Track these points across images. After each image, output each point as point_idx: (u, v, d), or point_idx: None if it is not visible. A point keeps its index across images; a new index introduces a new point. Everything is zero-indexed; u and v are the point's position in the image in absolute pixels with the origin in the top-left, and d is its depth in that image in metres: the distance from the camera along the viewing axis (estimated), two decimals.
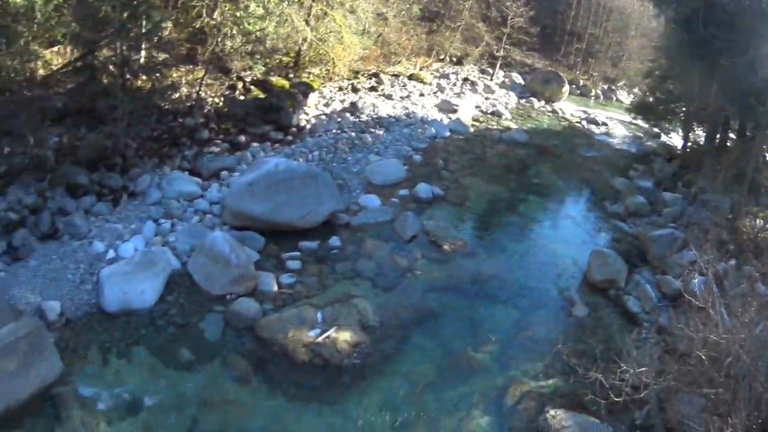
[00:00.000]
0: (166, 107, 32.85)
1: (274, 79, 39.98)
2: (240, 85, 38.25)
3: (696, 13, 41.26)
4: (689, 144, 47.30)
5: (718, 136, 45.53)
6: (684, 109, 48.42)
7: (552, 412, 20.48)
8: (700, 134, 49.03)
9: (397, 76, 52.82)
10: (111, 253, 24.22)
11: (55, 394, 18.38)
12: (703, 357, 19.12)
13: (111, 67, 29.18)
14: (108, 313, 21.62)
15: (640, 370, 19.14)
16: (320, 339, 21.64)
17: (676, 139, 52.68)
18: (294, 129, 38.30)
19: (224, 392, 19.62)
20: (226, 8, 35.50)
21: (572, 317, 26.54)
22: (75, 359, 19.67)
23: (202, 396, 19.26)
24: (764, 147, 37.18)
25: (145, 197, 28.17)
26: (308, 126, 39.39)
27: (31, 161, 26.17)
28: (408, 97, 49.22)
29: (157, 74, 31.68)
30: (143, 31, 30.30)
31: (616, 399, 18.98)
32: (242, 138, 35.11)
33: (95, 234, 25.14)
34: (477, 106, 53.44)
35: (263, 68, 39.67)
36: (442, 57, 62.42)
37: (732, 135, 46.40)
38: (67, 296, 21.89)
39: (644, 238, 33.42)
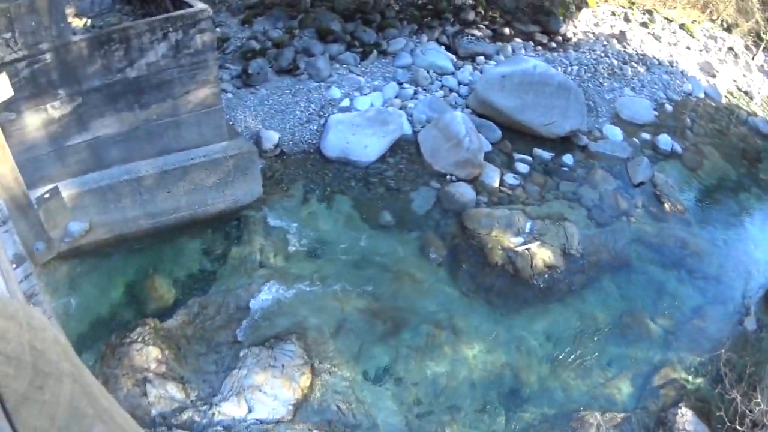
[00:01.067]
0: None
1: None
2: None
3: None
4: None
5: None
6: None
7: (683, 410, 19.77)
8: None
9: (669, 20, 50.35)
10: (346, 102, 24.64)
11: (244, 215, 19.29)
12: None
13: None
14: (325, 157, 22.17)
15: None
16: (520, 248, 21.35)
17: None
18: (560, 37, 37.32)
19: (408, 265, 19.89)
20: None
21: (742, 326, 24.74)
22: (276, 190, 20.48)
23: (383, 261, 19.65)
24: None
25: (395, 59, 28.27)
26: (574, 39, 38.34)
27: None
28: (676, 44, 46.87)
29: None
30: None
31: (738, 428, 17.91)
32: (507, 30, 34.45)
33: (335, 80, 25.59)
34: (734, 80, 50.60)
35: None
36: (714, 18, 59.21)
37: None
38: (289, 130, 22.63)
39: None
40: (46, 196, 17.08)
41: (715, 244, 27.88)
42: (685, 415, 19.66)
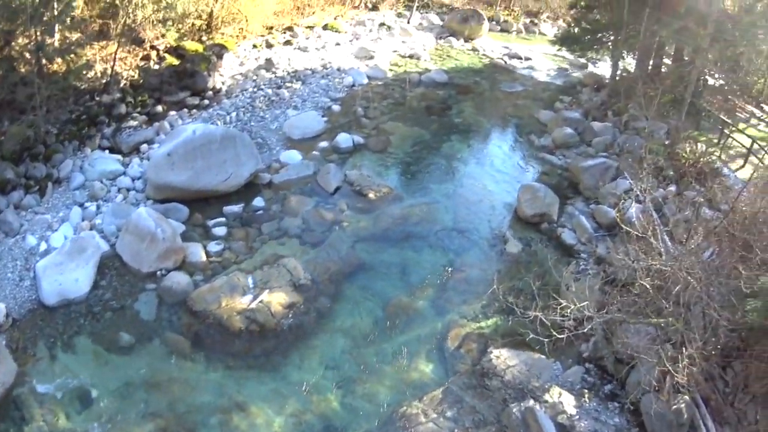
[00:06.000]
0: (83, 87, 32.70)
1: (188, 44, 39.83)
2: (154, 54, 38.05)
3: None
4: (618, 72, 47.30)
5: (651, 62, 46.19)
6: (612, 37, 48.71)
7: (496, 352, 20.94)
8: (630, 62, 49.61)
9: (311, 27, 52.49)
10: (44, 246, 24.42)
11: (15, 395, 18.77)
12: (648, 286, 19.23)
13: (27, 54, 29.14)
14: (48, 307, 21.88)
15: (582, 304, 18.97)
16: (253, 305, 21.97)
17: (603, 69, 52.93)
18: (210, 92, 38.42)
19: (167, 371, 19.98)
20: None
21: (506, 255, 26.95)
22: (27, 358, 20.01)
23: (146, 377, 19.64)
24: (704, 70, 37.68)
25: (69, 182, 28.25)
26: (224, 88, 39.53)
27: None
28: (323, 47, 49.21)
29: (72, 55, 31.64)
30: (56, 13, 30.29)
31: (559, 336, 18.74)
32: (159, 108, 35.20)
33: (27, 228, 25.28)
34: (395, 51, 53.63)
35: (176, 34, 39.56)
36: (357, 4, 62.17)
37: (667, 60, 47.20)
38: (10, 296, 22.12)
39: (575, 169, 33.88)
40: None
41: (439, 202, 30.19)
42: (500, 356, 20.76)
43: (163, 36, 38.98)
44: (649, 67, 45.79)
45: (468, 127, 40.19)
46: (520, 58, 57.80)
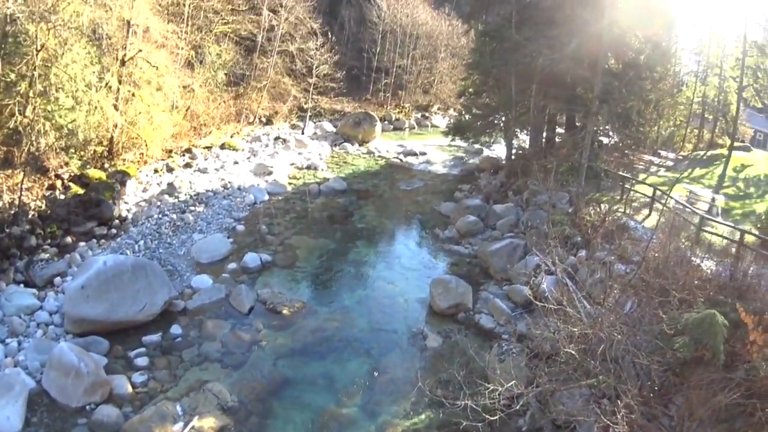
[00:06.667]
0: None
1: (91, 172, 40.43)
2: (59, 183, 38.43)
3: (507, 20, 44.09)
4: (514, 152, 49.18)
5: (544, 136, 48.24)
6: (504, 118, 50.59)
7: None
8: (523, 139, 51.70)
9: (209, 147, 53.92)
10: None
11: None
12: (573, 352, 19.84)
13: None
14: None
15: (510, 384, 19.55)
16: None
17: (499, 151, 55.15)
18: (117, 221, 38.55)
19: None
20: (38, 103, 35.56)
21: (427, 350, 27.82)
22: None
23: None
24: (597, 133, 39.36)
25: None
26: (130, 215, 39.77)
27: None
28: (222, 167, 50.58)
29: None
30: None
31: (491, 418, 19.05)
32: (69, 239, 35.19)
33: None
34: (292, 163, 55.57)
35: (79, 162, 40.19)
36: (251, 120, 63.78)
37: (560, 130, 49.48)
38: None
39: (483, 254, 35.32)
40: None
41: (353, 309, 31.09)
42: None
43: (66, 164, 39.50)
44: (543, 141, 48.02)
45: (372, 230, 41.81)
46: (416, 154, 60.64)
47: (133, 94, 44.42)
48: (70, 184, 38.92)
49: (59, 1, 35.46)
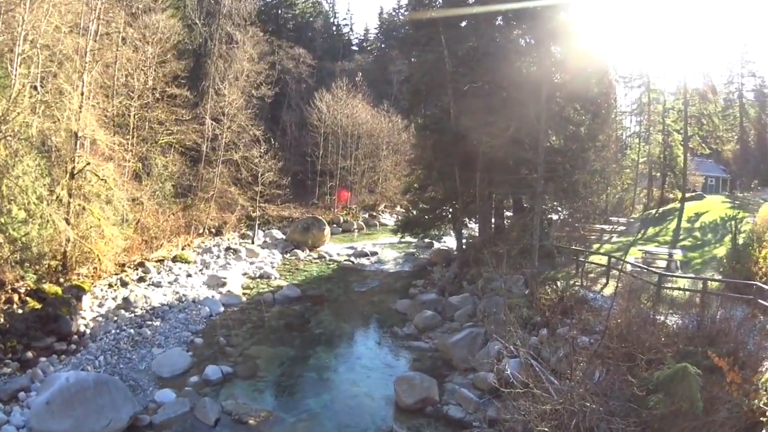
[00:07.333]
0: None
1: (47, 286, 39.95)
2: (16, 297, 37.90)
3: (446, 112, 44.93)
4: (464, 242, 49.81)
5: (492, 222, 48.87)
6: (451, 210, 51.20)
7: None
8: (473, 228, 52.34)
9: (161, 261, 53.87)
10: None
11: None
12: (547, 430, 20.07)
13: None
14: None
15: None
16: None
17: (450, 242, 55.86)
18: (75, 336, 38.02)
19: None
20: None
21: None
22: None
23: None
24: (546, 211, 39.86)
25: None
26: (88, 331, 39.26)
27: None
28: (176, 280, 50.45)
29: None
30: None
31: None
32: (30, 354, 34.58)
33: None
34: (245, 273, 55.59)
35: (34, 276, 39.72)
36: (201, 231, 64.06)
37: (508, 213, 50.11)
38: None
39: (443, 347, 35.35)
40: None
41: (318, 415, 30.63)
42: None
43: (22, 278, 39.04)
44: (492, 227, 48.63)
45: (330, 334, 41.78)
46: (367, 255, 61.27)
47: (84, 208, 44.39)
48: (27, 298, 38.31)
49: (9, 110, 35.67)
